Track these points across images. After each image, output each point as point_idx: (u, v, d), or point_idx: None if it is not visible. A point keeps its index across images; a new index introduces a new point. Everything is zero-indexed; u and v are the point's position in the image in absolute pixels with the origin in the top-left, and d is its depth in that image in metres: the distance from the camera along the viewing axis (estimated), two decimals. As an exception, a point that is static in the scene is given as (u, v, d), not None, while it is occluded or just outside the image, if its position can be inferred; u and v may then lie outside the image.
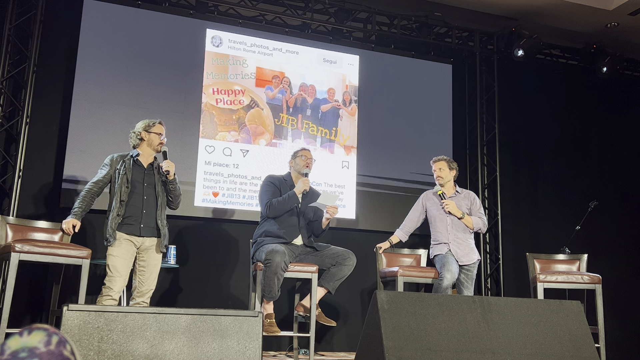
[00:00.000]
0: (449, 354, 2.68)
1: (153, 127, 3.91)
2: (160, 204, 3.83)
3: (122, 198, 3.71)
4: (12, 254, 3.51)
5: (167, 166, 3.82)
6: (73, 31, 5.27)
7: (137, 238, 3.73)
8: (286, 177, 4.41)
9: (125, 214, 3.72)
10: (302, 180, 4.24)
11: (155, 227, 3.80)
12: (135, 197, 3.77)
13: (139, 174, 3.83)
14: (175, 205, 3.99)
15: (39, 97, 5.11)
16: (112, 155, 3.89)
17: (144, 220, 3.75)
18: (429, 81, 6.46)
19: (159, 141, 3.91)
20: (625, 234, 6.93)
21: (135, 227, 3.72)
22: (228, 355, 2.53)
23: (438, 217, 4.50)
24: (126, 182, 3.74)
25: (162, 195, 3.87)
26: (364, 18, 6.29)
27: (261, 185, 4.37)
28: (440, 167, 4.54)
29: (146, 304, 3.77)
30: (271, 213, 4.17)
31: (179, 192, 3.96)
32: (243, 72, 5.73)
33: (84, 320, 2.38)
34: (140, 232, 3.73)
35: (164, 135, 3.96)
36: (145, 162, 3.89)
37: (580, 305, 3.10)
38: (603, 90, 7.20)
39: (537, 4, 6.20)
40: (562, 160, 6.97)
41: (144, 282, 3.76)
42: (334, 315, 5.15)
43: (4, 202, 4.87)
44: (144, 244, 3.76)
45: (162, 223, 3.83)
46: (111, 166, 3.82)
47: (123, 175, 3.75)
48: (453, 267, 4.28)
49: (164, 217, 3.87)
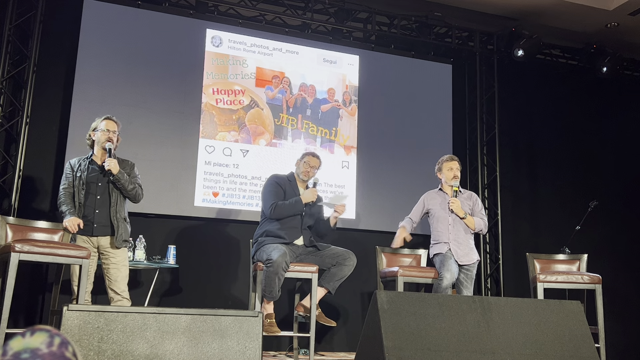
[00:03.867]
0: (449, 354, 2.68)
1: (99, 125, 3.90)
2: (114, 201, 3.81)
3: (79, 200, 3.77)
4: (12, 254, 3.51)
5: (108, 164, 3.77)
6: (73, 31, 5.26)
7: (92, 238, 3.77)
8: (290, 178, 4.37)
9: (82, 216, 3.76)
10: (311, 191, 4.22)
11: (109, 225, 3.79)
12: (89, 197, 3.80)
13: (93, 174, 3.84)
14: (133, 198, 3.92)
15: (39, 97, 5.11)
16: (70, 160, 3.93)
17: (97, 220, 3.77)
18: (429, 81, 6.45)
19: (105, 137, 3.85)
20: (625, 234, 6.93)
21: (89, 228, 3.76)
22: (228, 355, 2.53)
23: (440, 216, 4.50)
24: (82, 184, 3.79)
25: (116, 192, 3.84)
26: (364, 18, 6.30)
27: (265, 184, 4.33)
28: (457, 166, 4.55)
29: (128, 301, 3.77)
30: (275, 215, 4.15)
31: (130, 187, 3.85)
32: (243, 72, 5.73)
33: (84, 320, 2.38)
34: (93, 231, 3.76)
35: (113, 130, 3.89)
36: (99, 161, 3.88)
37: (580, 305, 3.10)
38: (603, 90, 7.20)
39: (537, 4, 6.20)
40: (562, 160, 6.97)
41: (112, 280, 3.78)
42: (334, 315, 5.15)
43: (4, 202, 4.87)
44: (100, 243, 3.79)
45: (117, 217, 3.79)
46: (72, 170, 3.86)
47: (79, 178, 3.81)
48: (452, 267, 4.28)
49: (121, 212, 3.83)
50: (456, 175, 4.52)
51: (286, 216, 4.16)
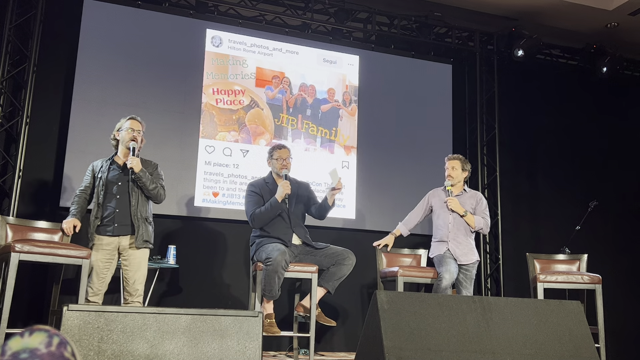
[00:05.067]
0: (449, 354, 2.68)
1: (124, 124, 3.92)
2: (135, 201, 3.81)
3: (99, 200, 3.80)
4: (12, 254, 3.51)
5: (131, 162, 3.78)
6: (73, 31, 5.26)
7: (112, 238, 3.77)
8: (267, 180, 4.31)
9: (102, 216, 3.78)
10: (281, 185, 4.10)
11: (129, 224, 3.79)
12: (109, 197, 3.81)
13: (114, 174, 3.85)
14: (154, 198, 3.92)
15: (39, 97, 5.11)
16: (93, 162, 3.97)
17: (118, 220, 3.77)
18: (429, 81, 6.45)
19: (129, 136, 3.86)
20: (625, 234, 6.93)
21: (109, 228, 3.76)
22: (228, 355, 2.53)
23: (441, 215, 4.50)
24: (102, 184, 3.81)
25: (138, 192, 3.85)
26: (364, 18, 6.29)
27: (245, 195, 4.29)
28: (454, 166, 4.53)
29: (139, 304, 3.77)
30: (257, 224, 4.11)
31: (152, 186, 3.86)
32: (243, 72, 5.73)
33: (84, 320, 2.38)
34: (114, 231, 3.76)
35: (137, 129, 3.90)
36: (121, 161, 3.89)
37: (580, 305, 3.10)
38: (603, 90, 7.20)
39: (537, 4, 6.20)
40: (562, 160, 6.97)
41: (129, 281, 3.77)
42: (333, 315, 5.15)
43: (4, 202, 4.87)
44: (121, 243, 3.79)
45: (137, 217, 3.79)
46: (92, 172, 3.91)
47: (99, 179, 3.84)
48: (451, 267, 4.28)
49: (142, 212, 3.83)
50: (449, 175, 4.52)
51: (269, 220, 4.11)
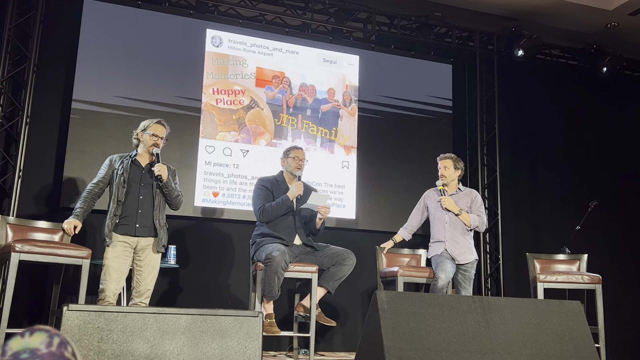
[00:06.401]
0: (449, 354, 2.68)
1: (149, 127, 3.89)
2: (157, 204, 3.82)
3: (118, 198, 3.73)
4: (12, 254, 3.51)
5: (158, 170, 3.77)
6: (73, 31, 5.26)
7: (132, 238, 3.73)
8: (278, 178, 4.34)
9: (122, 214, 3.73)
10: (295, 185, 4.19)
11: (152, 227, 3.78)
12: (131, 197, 3.77)
13: (136, 174, 3.82)
14: (175, 206, 3.96)
15: (39, 97, 5.11)
16: (112, 156, 3.91)
17: (140, 220, 3.75)
18: (429, 81, 6.46)
19: (152, 142, 3.85)
20: (625, 234, 6.93)
21: (130, 227, 3.73)
22: (228, 355, 2.53)
23: (437, 215, 4.49)
24: (123, 182, 3.76)
25: (160, 195, 3.85)
26: (364, 18, 6.29)
27: (254, 189, 4.32)
28: (446, 165, 4.52)
29: (145, 305, 3.76)
30: (264, 218, 4.14)
31: (175, 194, 3.90)
32: (243, 72, 5.73)
33: (84, 321, 2.38)
34: (136, 232, 3.74)
35: (161, 136, 3.90)
36: (144, 162, 3.88)
37: (580, 305, 3.10)
38: (603, 90, 7.20)
39: (537, 4, 6.20)
40: (562, 160, 6.98)
41: (141, 283, 3.76)
42: (333, 315, 5.15)
43: (4, 202, 4.87)
44: (139, 244, 3.76)
45: (160, 223, 3.81)
46: (110, 167, 3.85)
47: (120, 175, 3.77)
48: (447, 267, 4.27)
49: (162, 217, 3.85)
50: (442, 175, 4.51)
51: (276, 217, 4.13)
